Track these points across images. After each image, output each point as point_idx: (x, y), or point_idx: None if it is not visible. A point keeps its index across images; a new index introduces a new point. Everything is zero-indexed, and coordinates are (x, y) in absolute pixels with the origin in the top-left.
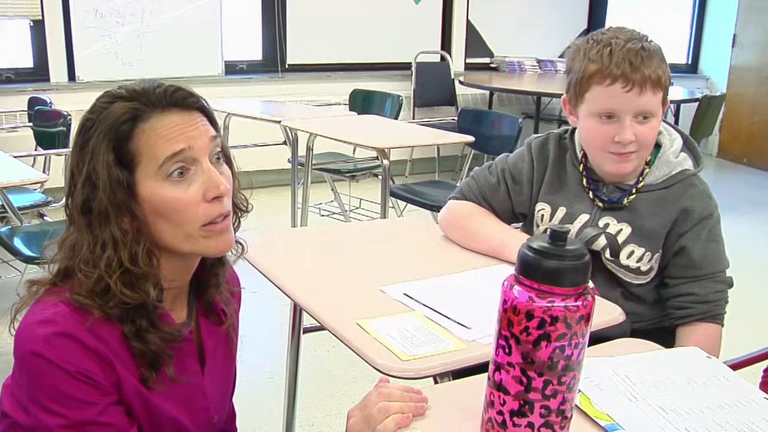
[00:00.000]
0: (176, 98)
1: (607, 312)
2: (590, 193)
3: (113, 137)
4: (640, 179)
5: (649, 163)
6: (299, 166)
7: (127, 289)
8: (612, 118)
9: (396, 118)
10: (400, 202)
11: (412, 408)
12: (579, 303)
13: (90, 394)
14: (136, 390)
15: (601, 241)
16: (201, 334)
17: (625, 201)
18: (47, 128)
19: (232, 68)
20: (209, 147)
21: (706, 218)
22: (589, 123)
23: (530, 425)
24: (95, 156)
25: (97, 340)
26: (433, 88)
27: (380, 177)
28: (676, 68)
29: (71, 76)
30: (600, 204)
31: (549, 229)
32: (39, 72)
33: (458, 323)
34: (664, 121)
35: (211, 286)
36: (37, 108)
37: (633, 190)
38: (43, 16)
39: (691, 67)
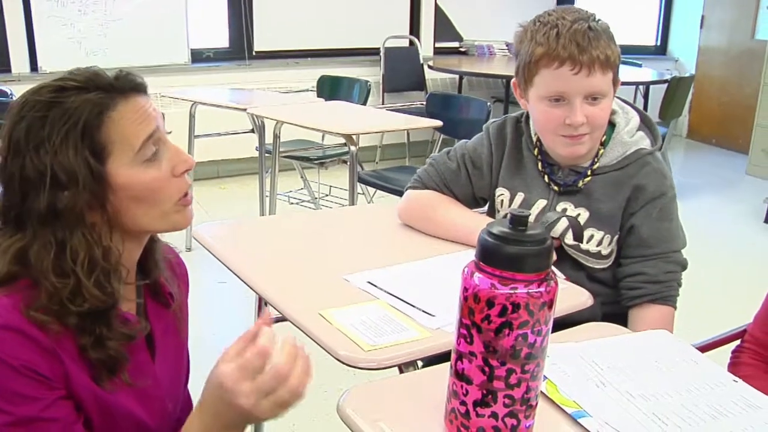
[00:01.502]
0: (133, 83)
1: (574, 296)
2: (546, 177)
3: (83, 130)
4: (595, 161)
5: (603, 144)
6: (267, 154)
7: (97, 291)
8: (562, 101)
9: (364, 103)
10: (370, 188)
11: (306, 370)
12: (542, 289)
13: (36, 389)
14: (86, 384)
15: (560, 226)
16: (149, 319)
17: (580, 183)
18: None
19: (198, 56)
20: (163, 126)
21: (658, 197)
22: (539, 107)
23: (494, 415)
24: (60, 154)
25: (42, 333)
26: (402, 73)
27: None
28: (644, 50)
29: (33, 66)
30: (556, 188)
31: (509, 214)
32: None
33: (422, 311)
34: (621, 99)
35: (153, 266)
36: None
37: (588, 173)
38: (1, 5)
39: (660, 49)
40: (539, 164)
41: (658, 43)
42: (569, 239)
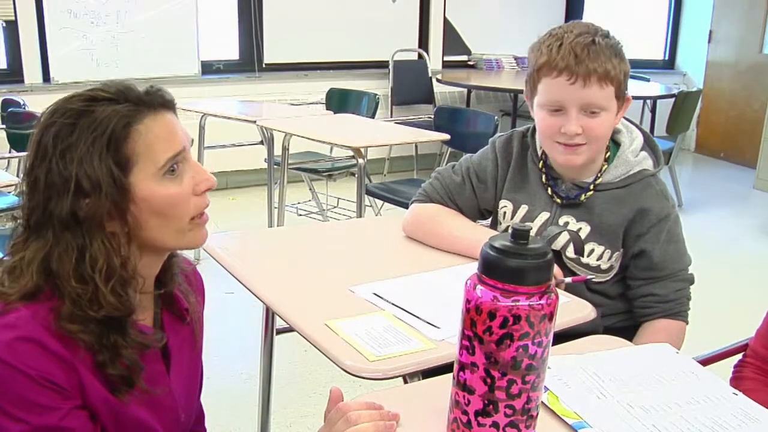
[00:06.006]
0: (162, 99)
1: (578, 309)
2: (549, 189)
3: (110, 140)
4: (598, 176)
5: (608, 161)
6: (275, 166)
7: (113, 298)
8: (559, 111)
9: (372, 116)
10: (378, 200)
11: (381, 429)
12: (543, 301)
13: (53, 399)
14: (102, 395)
15: (561, 239)
16: (165, 333)
17: (583, 197)
18: (21, 130)
19: (208, 68)
20: (190, 146)
21: (663, 219)
22: (540, 114)
23: (495, 425)
24: (86, 162)
25: (60, 344)
26: (410, 86)
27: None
28: (652, 64)
29: (46, 77)
30: (558, 200)
31: (511, 228)
32: (13, 73)
33: (428, 323)
34: (625, 118)
35: (169, 279)
36: (10, 110)
37: (590, 187)
38: (16, 16)
39: (668, 63)
40: (543, 177)
41: (666, 57)
42: (570, 252)
